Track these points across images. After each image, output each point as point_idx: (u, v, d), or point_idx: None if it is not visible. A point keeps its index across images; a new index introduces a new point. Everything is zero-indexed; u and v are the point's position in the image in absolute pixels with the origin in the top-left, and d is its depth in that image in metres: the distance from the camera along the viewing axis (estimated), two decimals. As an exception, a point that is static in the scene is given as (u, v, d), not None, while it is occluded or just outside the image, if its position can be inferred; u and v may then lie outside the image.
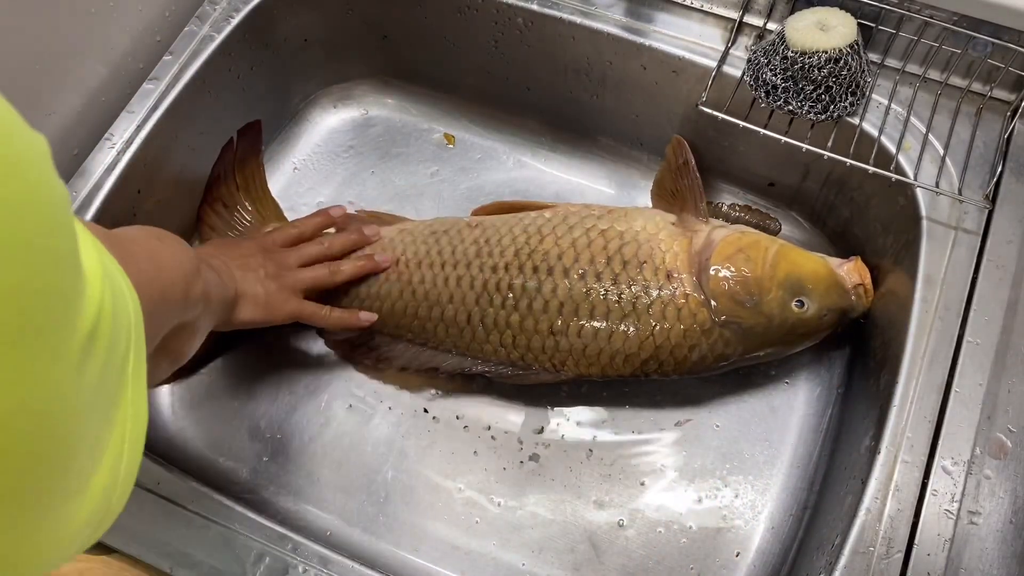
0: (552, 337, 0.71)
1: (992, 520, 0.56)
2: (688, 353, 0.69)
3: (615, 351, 0.70)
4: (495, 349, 0.73)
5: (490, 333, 0.72)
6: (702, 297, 0.69)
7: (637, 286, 0.70)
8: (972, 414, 0.59)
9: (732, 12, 0.76)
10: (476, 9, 0.81)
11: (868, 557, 0.55)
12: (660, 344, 0.69)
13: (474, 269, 0.73)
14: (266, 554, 0.58)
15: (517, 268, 0.72)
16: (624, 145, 0.88)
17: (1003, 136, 0.69)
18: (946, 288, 0.64)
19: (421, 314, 0.74)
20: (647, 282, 0.70)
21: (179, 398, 0.77)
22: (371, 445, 0.75)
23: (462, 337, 0.74)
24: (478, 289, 0.72)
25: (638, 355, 0.70)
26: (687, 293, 0.69)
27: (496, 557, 0.70)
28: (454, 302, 0.73)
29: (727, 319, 0.69)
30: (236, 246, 0.72)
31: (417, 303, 0.74)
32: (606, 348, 0.70)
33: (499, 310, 0.72)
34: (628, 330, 0.70)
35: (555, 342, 0.71)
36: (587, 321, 0.70)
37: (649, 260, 0.71)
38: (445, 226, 0.77)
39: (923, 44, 0.70)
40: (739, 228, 0.74)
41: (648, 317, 0.69)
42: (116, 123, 0.73)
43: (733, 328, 0.69)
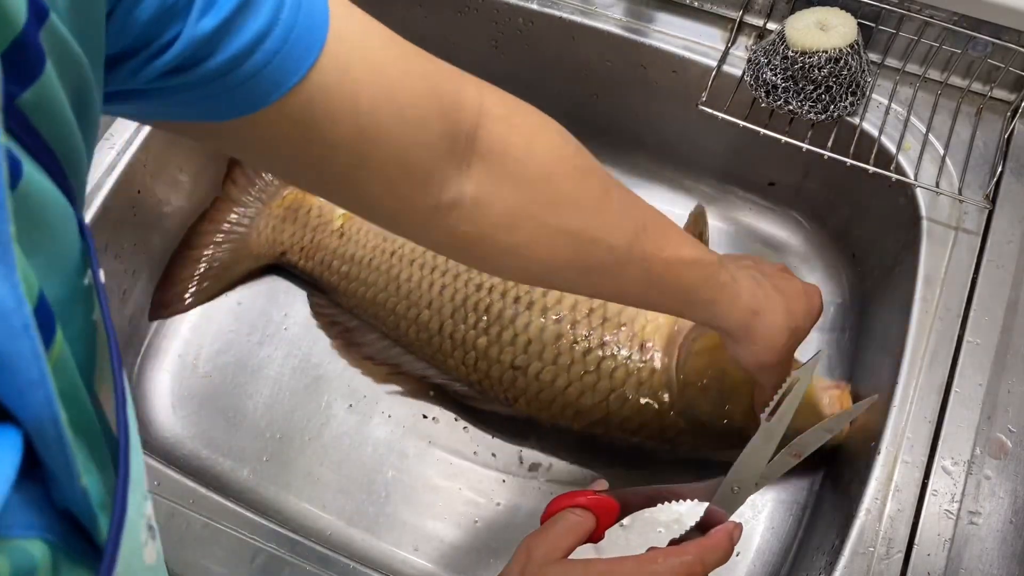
0: (512, 371, 0.70)
1: (992, 520, 0.55)
2: (637, 429, 0.68)
3: (567, 403, 0.69)
4: (456, 365, 0.73)
5: (455, 349, 0.72)
6: (668, 378, 0.67)
7: (608, 347, 0.68)
8: (972, 414, 0.59)
9: (732, 12, 0.76)
10: (476, 9, 0.81)
11: (868, 557, 0.55)
12: (612, 411, 0.68)
13: (460, 281, 0.73)
14: (266, 554, 0.58)
15: (500, 293, 0.71)
16: (624, 145, 0.88)
17: (1003, 136, 0.69)
18: (946, 288, 0.64)
19: (399, 311, 0.75)
20: (619, 345, 0.68)
21: (179, 398, 0.77)
22: (371, 445, 0.75)
23: (429, 344, 0.74)
24: (457, 302, 0.72)
25: (588, 414, 0.69)
26: (654, 369, 0.67)
27: (497, 557, 0.70)
28: (431, 308, 0.73)
29: (687, 408, 0.67)
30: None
31: (398, 299, 0.75)
32: (559, 398, 0.69)
33: (470, 329, 0.72)
34: (585, 388, 0.68)
35: (513, 376, 0.70)
36: (549, 366, 0.69)
37: (629, 324, 0.69)
38: None
39: (923, 44, 0.70)
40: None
41: (608, 381, 0.68)
42: (116, 123, 0.73)
43: (689, 418, 0.67)
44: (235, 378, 0.78)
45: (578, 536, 0.51)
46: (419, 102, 0.39)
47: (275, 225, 0.81)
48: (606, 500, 0.53)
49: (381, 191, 0.41)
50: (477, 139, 0.43)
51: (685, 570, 0.49)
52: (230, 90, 0.33)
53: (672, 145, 0.85)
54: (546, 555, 0.49)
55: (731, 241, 0.83)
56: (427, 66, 0.40)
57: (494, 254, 0.47)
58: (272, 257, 0.81)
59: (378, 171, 0.39)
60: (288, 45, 0.33)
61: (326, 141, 0.37)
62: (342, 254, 0.78)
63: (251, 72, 0.33)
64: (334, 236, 0.79)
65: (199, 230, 0.82)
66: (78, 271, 0.24)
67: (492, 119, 0.44)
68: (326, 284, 0.79)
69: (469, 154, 0.43)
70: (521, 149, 0.45)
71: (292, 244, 0.80)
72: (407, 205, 0.42)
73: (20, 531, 0.22)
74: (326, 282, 0.79)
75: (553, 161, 0.47)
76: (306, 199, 0.82)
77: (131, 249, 0.76)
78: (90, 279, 0.25)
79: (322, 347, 0.79)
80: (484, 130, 0.43)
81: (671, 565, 0.49)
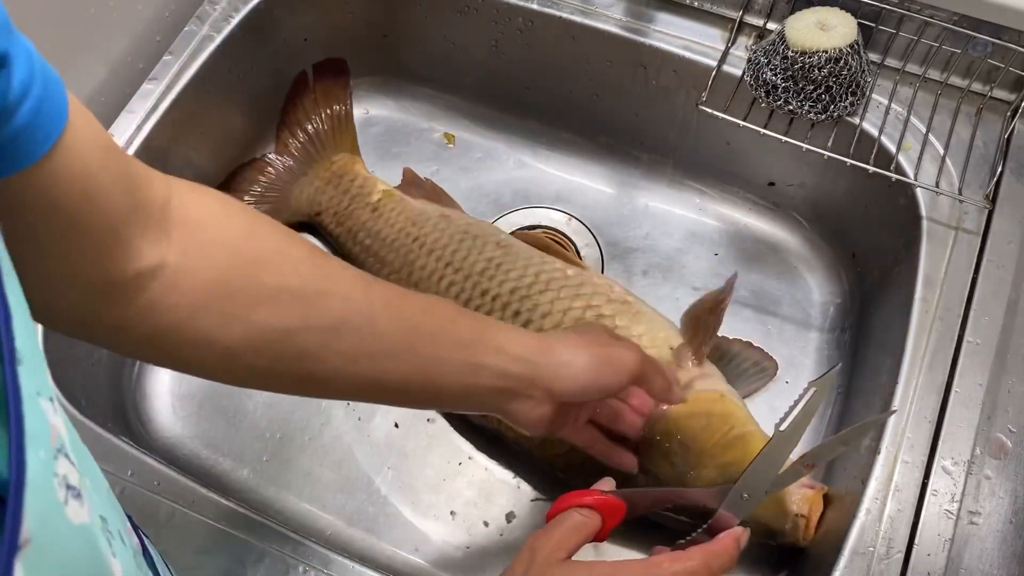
0: None
1: (992, 520, 0.55)
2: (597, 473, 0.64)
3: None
4: None
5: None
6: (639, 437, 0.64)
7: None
8: (972, 414, 0.59)
9: (732, 12, 0.76)
10: (476, 9, 0.81)
11: (868, 557, 0.55)
12: (575, 448, 0.65)
13: (469, 283, 0.73)
14: (266, 554, 0.58)
15: (502, 304, 0.71)
16: (624, 145, 0.88)
17: (1003, 136, 0.69)
18: (946, 288, 0.64)
19: None
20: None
21: (179, 398, 0.77)
22: (371, 445, 0.75)
23: None
24: (459, 302, 0.72)
25: (552, 447, 0.67)
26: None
27: (497, 557, 0.70)
28: None
29: (647, 465, 0.64)
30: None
31: (407, 285, 0.75)
32: None
33: None
34: None
35: None
36: None
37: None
38: (477, 231, 0.77)
39: (923, 44, 0.70)
40: (723, 389, 0.67)
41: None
42: (116, 123, 0.73)
43: (649, 477, 0.65)
44: (235, 378, 0.78)
45: (583, 536, 0.51)
46: (113, 179, 0.38)
47: (319, 187, 0.83)
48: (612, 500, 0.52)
49: (83, 263, 0.39)
50: (171, 209, 0.42)
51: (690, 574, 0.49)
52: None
53: (672, 145, 0.85)
54: (550, 555, 0.49)
55: (731, 241, 0.83)
56: (123, 154, 0.40)
57: (214, 328, 0.43)
58: (307, 215, 0.83)
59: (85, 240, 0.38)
60: (48, 101, 0.33)
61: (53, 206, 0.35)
62: (370, 228, 0.79)
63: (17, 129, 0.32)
64: (367, 209, 0.80)
65: (245, 176, 0.85)
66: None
67: (183, 192, 0.43)
68: (347, 253, 0.80)
69: (165, 225, 0.42)
70: (219, 215, 0.44)
71: (328, 207, 0.82)
72: (106, 275, 0.40)
73: None
74: (348, 251, 0.80)
75: (254, 222, 0.46)
76: (353, 168, 0.84)
77: (131, 249, 0.76)
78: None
79: (322, 347, 0.79)
80: (177, 201, 0.42)
81: (676, 570, 0.48)
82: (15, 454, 0.22)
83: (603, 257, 0.83)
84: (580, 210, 0.85)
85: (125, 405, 0.75)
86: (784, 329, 0.78)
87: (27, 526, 0.22)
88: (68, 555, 0.26)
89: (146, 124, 0.73)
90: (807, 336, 0.78)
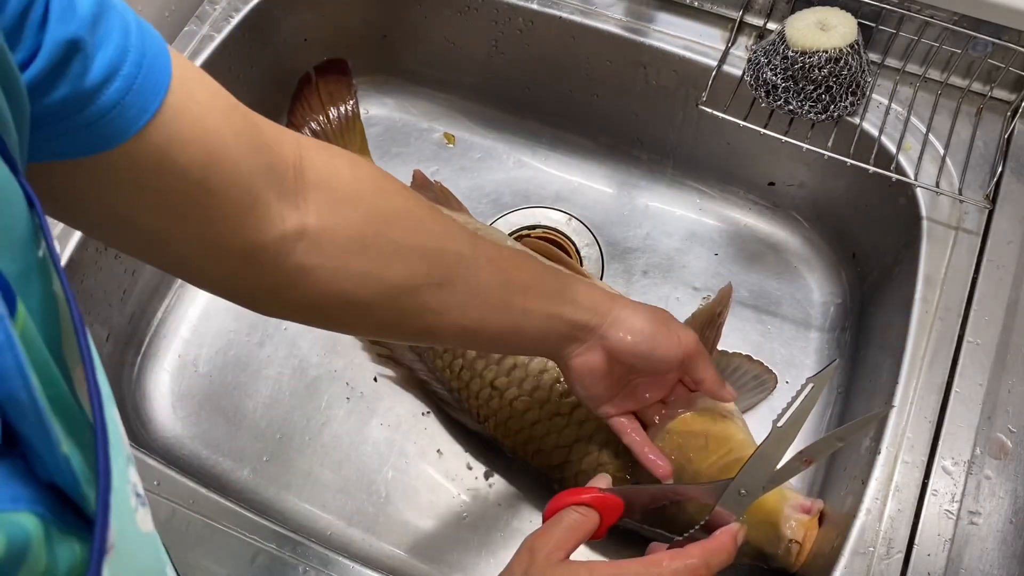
0: (490, 389, 0.70)
1: (992, 520, 0.55)
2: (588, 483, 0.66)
3: (531, 438, 0.68)
4: (443, 367, 0.73)
5: (446, 351, 0.73)
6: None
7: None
8: (972, 414, 0.59)
9: (732, 12, 0.76)
10: (476, 9, 0.81)
11: (868, 557, 0.55)
12: (571, 461, 0.66)
13: None
14: (266, 554, 0.58)
15: None
16: (624, 145, 0.88)
17: (1003, 136, 0.69)
18: (946, 288, 0.63)
19: None
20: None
21: (179, 398, 0.77)
22: (371, 445, 0.75)
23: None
24: None
25: (548, 456, 0.68)
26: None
27: (497, 557, 0.70)
28: None
29: (640, 479, 0.64)
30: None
31: None
32: (525, 431, 0.68)
33: None
34: (552, 429, 0.67)
35: (489, 395, 0.70)
36: (524, 396, 0.68)
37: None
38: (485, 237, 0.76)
39: (923, 44, 0.70)
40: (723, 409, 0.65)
41: (576, 429, 0.67)
42: (116, 123, 0.73)
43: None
44: (235, 378, 0.78)
45: (581, 535, 0.51)
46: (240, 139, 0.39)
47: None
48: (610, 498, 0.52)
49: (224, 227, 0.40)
50: (304, 172, 0.43)
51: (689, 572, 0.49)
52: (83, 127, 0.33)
53: (672, 145, 0.85)
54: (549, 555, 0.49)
55: (731, 241, 0.83)
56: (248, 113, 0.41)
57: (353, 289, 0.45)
58: None
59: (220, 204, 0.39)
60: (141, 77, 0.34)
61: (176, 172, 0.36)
62: None
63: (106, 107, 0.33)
64: None
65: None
66: (30, 244, 0.24)
67: (313, 153, 0.44)
68: None
69: (301, 187, 0.43)
70: (348, 174, 0.46)
71: None
72: (251, 241, 0.41)
73: (9, 505, 0.22)
74: None
75: (380, 179, 0.48)
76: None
77: (131, 249, 0.76)
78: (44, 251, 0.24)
79: (322, 347, 0.79)
80: (308, 163, 0.44)
81: (675, 568, 0.48)
82: (102, 458, 0.23)
83: (603, 257, 0.83)
84: (580, 210, 0.85)
85: (125, 405, 0.76)
86: (784, 329, 0.78)
87: (113, 531, 0.23)
88: (140, 563, 0.26)
89: (146, 124, 0.73)
90: (807, 336, 0.78)
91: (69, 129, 0.32)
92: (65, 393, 0.24)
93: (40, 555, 0.22)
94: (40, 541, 0.22)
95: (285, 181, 0.42)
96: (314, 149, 0.45)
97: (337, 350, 0.79)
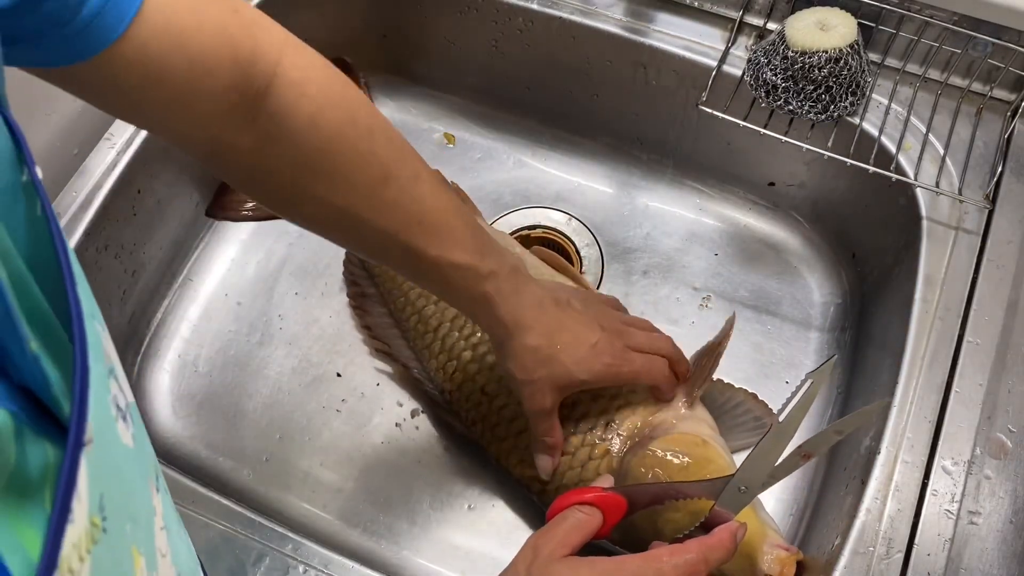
0: (480, 394, 0.70)
1: (992, 520, 0.56)
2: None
3: (516, 447, 0.68)
4: (438, 368, 0.73)
5: (441, 352, 0.73)
6: (618, 465, 0.64)
7: (577, 410, 0.66)
8: (972, 414, 0.59)
9: (732, 12, 0.76)
10: (476, 9, 0.81)
11: (868, 557, 0.55)
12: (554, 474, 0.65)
13: None
14: (266, 554, 0.58)
15: None
16: (624, 145, 0.88)
17: (1003, 136, 0.69)
18: (946, 288, 0.64)
19: (410, 296, 0.75)
20: (588, 414, 0.66)
21: (179, 398, 0.77)
22: (371, 445, 0.75)
23: (423, 338, 0.74)
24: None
25: (530, 469, 0.66)
26: (608, 450, 0.64)
27: (496, 557, 0.70)
28: (437, 305, 0.74)
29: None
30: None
31: (412, 285, 0.75)
32: (511, 439, 0.68)
33: (460, 339, 0.72)
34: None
35: (479, 400, 0.70)
36: (513, 404, 0.68)
37: (606, 397, 0.66)
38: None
39: (923, 44, 0.70)
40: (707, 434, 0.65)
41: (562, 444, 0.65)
42: (116, 123, 0.73)
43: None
44: (235, 378, 0.78)
45: (585, 533, 0.51)
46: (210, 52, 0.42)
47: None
48: (613, 497, 0.52)
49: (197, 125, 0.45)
50: (267, 97, 0.46)
51: (689, 569, 0.49)
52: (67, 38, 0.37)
53: (672, 145, 0.85)
54: (552, 553, 0.49)
55: (731, 241, 0.83)
56: (226, 17, 0.43)
57: (276, 202, 0.52)
58: None
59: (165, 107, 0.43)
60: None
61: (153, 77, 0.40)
62: None
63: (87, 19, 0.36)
64: None
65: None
66: (14, 168, 0.25)
67: (285, 82, 0.46)
68: None
69: (256, 109, 0.46)
70: (305, 119, 0.47)
71: None
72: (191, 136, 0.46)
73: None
74: None
75: (334, 137, 0.49)
76: None
77: (131, 249, 0.76)
78: (28, 176, 0.25)
79: (322, 347, 0.79)
80: (275, 90, 0.46)
81: (675, 563, 0.49)
82: (79, 357, 0.23)
83: (603, 257, 0.83)
84: (580, 210, 0.85)
85: (125, 405, 0.75)
86: (784, 329, 0.78)
87: (90, 426, 0.23)
88: (120, 469, 0.26)
89: (146, 124, 0.73)
90: (807, 336, 0.78)
91: (56, 39, 0.37)
92: (45, 309, 0.24)
93: (9, 449, 0.22)
94: (9, 435, 0.22)
95: (243, 100, 0.45)
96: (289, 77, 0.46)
97: (337, 350, 0.79)
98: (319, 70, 0.48)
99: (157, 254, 0.80)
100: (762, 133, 0.69)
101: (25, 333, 0.22)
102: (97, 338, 0.26)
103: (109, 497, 0.24)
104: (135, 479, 0.29)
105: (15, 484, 0.22)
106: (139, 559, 0.27)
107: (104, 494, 0.24)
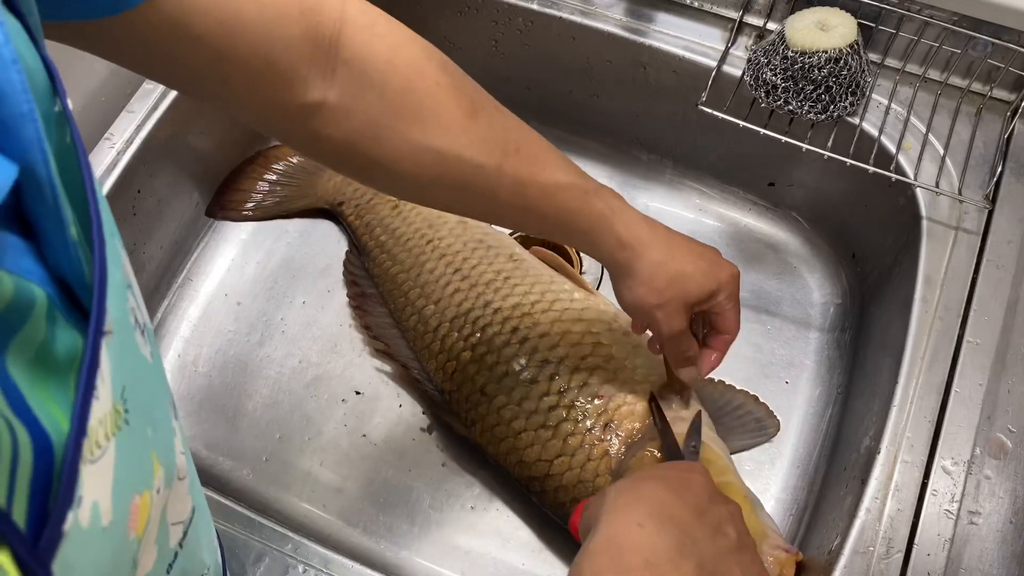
0: (479, 395, 0.70)
1: (992, 520, 0.56)
2: (568, 503, 0.65)
3: (515, 448, 0.68)
4: (437, 368, 0.73)
5: (440, 352, 0.73)
6: (617, 466, 0.64)
7: (575, 411, 0.66)
8: (972, 414, 0.59)
9: (732, 12, 0.76)
10: (476, 9, 0.81)
11: (868, 557, 0.55)
12: (551, 474, 0.66)
13: (473, 292, 0.73)
14: (266, 554, 0.58)
15: (502, 318, 0.71)
16: (624, 145, 0.88)
17: (1003, 136, 0.69)
18: (946, 288, 0.64)
19: (410, 296, 0.76)
20: (586, 415, 0.66)
21: (179, 398, 0.77)
22: (371, 446, 0.75)
23: (422, 338, 0.74)
24: (461, 310, 0.73)
25: (529, 468, 0.67)
26: (607, 451, 0.65)
27: (496, 557, 0.70)
28: (437, 305, 0.74)
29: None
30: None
31: (413, 285, 0.76)
32: (509, 440, 0.68)
33: (460, 340, 0.72)
34: (536, 440, 0.67)
35: (478, 400, 0.70)
36: (512, 405, 0.68)
37: (607, 398, 0.66)
38: (492, 241, 0.77)
39: (923, 44, 0.70)
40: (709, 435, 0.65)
41: (560, 444, 0.66)
42: (116, 123, 0.73)
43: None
44: (235, 378, 0.78)
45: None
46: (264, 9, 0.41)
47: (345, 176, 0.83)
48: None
49: (245, 88, 0.42)
50: (340, 44, 0.44)
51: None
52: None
53: (672, 145, 0.85)
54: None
55: (731, 241, 0.83)
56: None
57: (364, 165, 0.48)
58: (329, 203, 0.84)
59: (241, 66, 0.41)
60: None
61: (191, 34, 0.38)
62: (387, 225, 0.80)
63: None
64: (388, 206, 0.81)
65: (275, 154, 0.87)
66: (49, 99, 0.25)
67: (355, 27, 0.45)
68: (363, 246, 0.81)
69: (333, 59, 0.44)
70: (383, 59, 0.46)
71: (352, 198, 0.83)
72: (272, 103, 0.43)
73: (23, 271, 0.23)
74: (364, 244, 0.81)
75: (415, 75, 0.47)
76: None
77: (131, 249, 0.76)
78: (60, 106, 0.26)
79: (322, 347, 0.79)
80: (347, 36, 0.44)
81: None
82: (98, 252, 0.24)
83: (603, 257, 0.83)
84: (580, 210, 0.85)
85: (125, 405, 0.75)
86: (784, 329, 0.78)
87: (110, 318, 0.24)
88: (139, 373, 0.27)
89: (146, 124, 0.73)
90: (807, 336, 0.78)
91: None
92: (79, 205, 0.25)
93: (41, 325, 0.23)
94: (43, 313, 0.23)
95: (318, 51, 0.43)
96: (357, 22, 0.45)
97: (337, 350, 0.79)
98: (380, 13, 0.47)
99: (157, 254, 0.80)
100: (762, 133, 0.69)
101: (68, 217, 0.23)
102: (117, 254, 0.26)
103: (131, 391, 0.25)
104: (155, 392, 0.29)
105: (43, 358, 0.23)
106: (158, 468, 0.28)
107: (126, 387, 0.25)
